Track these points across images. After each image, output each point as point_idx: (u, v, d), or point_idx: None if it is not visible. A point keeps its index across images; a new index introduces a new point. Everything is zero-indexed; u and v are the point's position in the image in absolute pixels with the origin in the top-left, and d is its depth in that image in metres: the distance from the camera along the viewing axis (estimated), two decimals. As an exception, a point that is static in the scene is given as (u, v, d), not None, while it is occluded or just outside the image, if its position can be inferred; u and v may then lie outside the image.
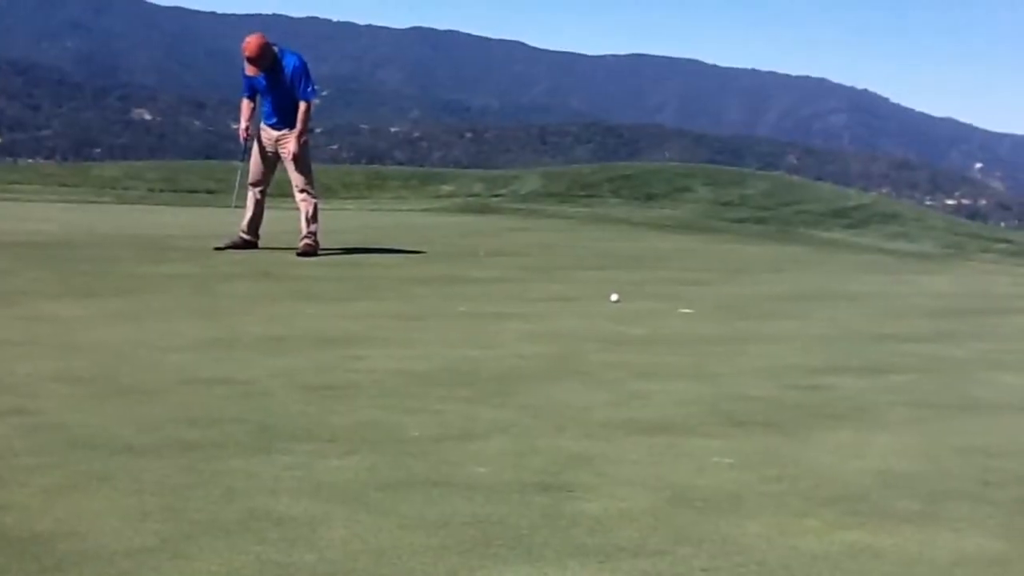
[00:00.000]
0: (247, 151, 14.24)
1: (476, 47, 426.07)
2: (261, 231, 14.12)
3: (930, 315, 12.04)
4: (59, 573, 3.75)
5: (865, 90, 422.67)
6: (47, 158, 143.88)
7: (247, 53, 13.61)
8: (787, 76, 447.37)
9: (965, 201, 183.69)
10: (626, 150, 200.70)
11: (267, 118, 13.99)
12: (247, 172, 14.25)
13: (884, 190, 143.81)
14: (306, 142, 14.00)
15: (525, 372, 7.47)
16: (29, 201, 21.68)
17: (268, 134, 13.97)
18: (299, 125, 13.77)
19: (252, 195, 14.10)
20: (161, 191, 26.47)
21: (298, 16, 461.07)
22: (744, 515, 4.61)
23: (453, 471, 5.03)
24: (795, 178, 42.44)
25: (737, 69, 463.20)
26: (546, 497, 4.71)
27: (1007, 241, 26.72)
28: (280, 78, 13.71)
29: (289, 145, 13.80)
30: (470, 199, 27.52)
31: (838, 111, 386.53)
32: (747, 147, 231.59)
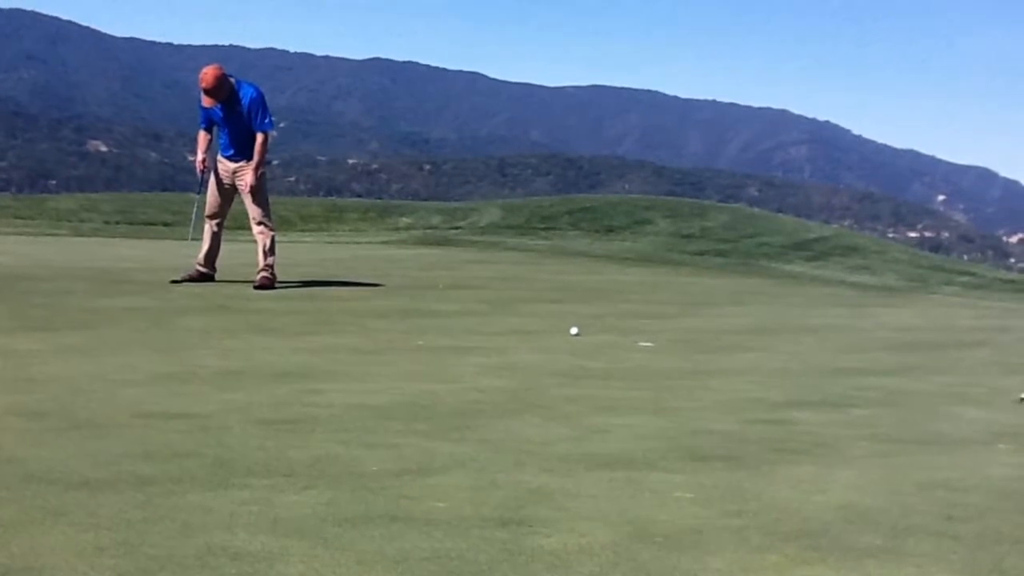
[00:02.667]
0: (204, 183, 14.18)
1: (435, 78, 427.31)
2: (218, 264, 14.06)
3: (892, 348, 12.06)
4: (11, 612, 3.70)
5: (827, 122, 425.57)
6: (2, 190, 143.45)
7: (204, 84, 13.55)
8: (748, 107, 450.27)
9: (928, 234, 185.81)
10: (586, 182, 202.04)
11: (224, 150, 13.94)
12: (204, 204, 14.20)
13: (846, 222, 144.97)
14: (263, 174, 13.96)
15: (484, 406, 7.43)
16: (-15, 233, 21.56)
17: (225, 166, 13.92)
18: (256, 157, 13.73)
19: (209, 227, 14.04)
20: (117, 223, 26.42)
21: (255, 47, 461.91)
22: (705, 550, 4.58)
23: (412, 506, 4.98)
24: (756, 210, 42.63)
25: (697, 100, 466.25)
26: (505, 532, 4.66)
27: (970, 274, 26.87)
28: (237, 109, 13.67)
29: (246, 177, 13.75)
30: (429, 231, 27.54)
31: (799, 143, 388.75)
32: (708, 179, 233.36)
